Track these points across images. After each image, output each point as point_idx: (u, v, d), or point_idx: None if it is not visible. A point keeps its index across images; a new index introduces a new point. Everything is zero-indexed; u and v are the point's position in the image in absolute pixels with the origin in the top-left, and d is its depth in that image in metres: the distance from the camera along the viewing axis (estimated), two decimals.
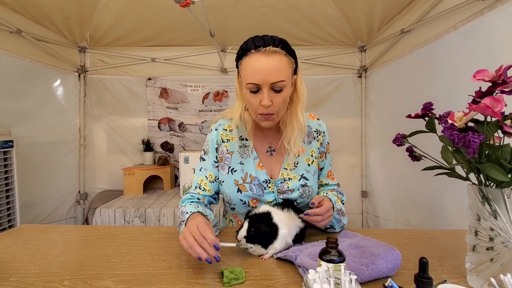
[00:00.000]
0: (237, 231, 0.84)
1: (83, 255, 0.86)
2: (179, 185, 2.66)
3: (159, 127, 3.03)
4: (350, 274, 0.52)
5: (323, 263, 0.61)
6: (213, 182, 1.06)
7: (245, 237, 0.82)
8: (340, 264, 0.60)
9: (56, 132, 2.67)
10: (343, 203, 1.10)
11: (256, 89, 0.90)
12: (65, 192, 2.79)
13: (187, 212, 0.91)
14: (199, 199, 1.04)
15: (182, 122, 3.04)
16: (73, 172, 2.88)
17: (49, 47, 2.49)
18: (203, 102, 3.02)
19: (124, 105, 2.98)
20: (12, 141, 1.99)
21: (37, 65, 2.41)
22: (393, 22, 2.37)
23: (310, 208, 0.90)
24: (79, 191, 2.93)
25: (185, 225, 0.87)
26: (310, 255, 0.75)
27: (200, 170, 1.08)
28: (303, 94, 0.98)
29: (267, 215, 0.84)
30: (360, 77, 2.90)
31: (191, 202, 1.02)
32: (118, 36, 2.73)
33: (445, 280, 0.55)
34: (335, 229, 1.04)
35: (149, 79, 2.97)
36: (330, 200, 0.98)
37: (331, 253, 0.62)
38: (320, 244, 0.81)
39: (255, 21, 2.44)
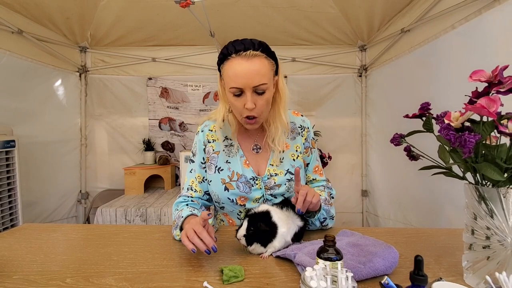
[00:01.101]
0: (237, 230, 0.85)
1: (85, 253, 0.87)
2: (179, 185, 2.67)
3: (159, 126, 3.04)
4: (346, 271, 0.53)
5: (321, 261, 0.62)
6: (201, 182, 1.09)
7: (244, 235, 0.82)
8: (337, 262, 0.61)
9: (58, 131, 2.68)
10: (332, 197, 1.13)
11: (239, 93, 0.93)
12: (67, 192, 2.81)
13: (182, 216, 0.94)
14: (193, 201, 1.07)
15: (183, 122, 3.05)
16: (74, 171, 2.90)
17: (50, 47, 2.51)
18: (203, 101, 3.03)
19: (125, 104, 3.00)
20: (14, 140, 2.01)
21: (38, 65, 2.43)
22: (393, 21, 2.37)
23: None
24: (81, 191, 2.95)
25: (180, 229, 0.91)
26: (309, 253, 0.76)
27: (191, 172, 1.11)
28: (285, 94, 1.01)
29: (267, 214, 0.85)
30: (360, 76, 2.90)
31: (187, 205, 1.04)
32: (119, 36, 2.74)
33: (441, 278, 0.55)
34: (327, 220, 1.04)
35: (150, 78, 2.98)
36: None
37: (329, 251, 0.63)
38: (319, 243, 0.82)
39: (255, 21, 2.45)
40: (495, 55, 1.37)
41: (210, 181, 1.08)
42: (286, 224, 0.86)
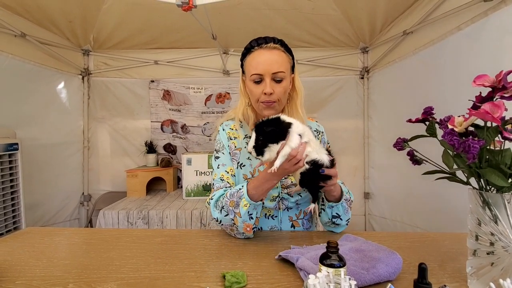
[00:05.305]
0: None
1: (87, 258, 0.87)
2: (181, 187, 2.67)
3: (162, 129, 3.05)
4: (350, 279, 0.53)
5: (323, 268, 0.61)
6: (234, 176, 1.10)
7: (253, 147, 0.78)
8: (340, 268, 0.60)
9: (60, 134, 2.69)
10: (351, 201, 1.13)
11: (259, 80, 1.01)
12: (69, 194, 2.82)
13: (239, 189, 0.95)
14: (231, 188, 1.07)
15: (185, 124, 3.05)
16: (77, 173, 2.91)
17: (53, 50, 2.52)
18: (205, 104, 3.03)
19: (127, 107, 3.00)
20: (17, 143, 2.01)
21: (41, 68, 2.44)
22: (395, 23, 2.37)
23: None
24: (83, 193, 2.96)
25: (247, 190, 0.93)
26: (311, 258, 0.75)
27: (218, 167, 1.10)
28: (301, 91, 1.09)
29: (277, 119, 0.80)
30: (362, 78, 2.90)
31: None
32: (121, 39, 2.75)
33: (445, 285, 0.55)
34: (341, 219, 1.03)
35: (152, 81, 2.99)
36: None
37: (332, 258, 0.62)
38: (322, 248, 0.81)
39: (257, 23, 2.45)
40: (503, 57, 1.36)
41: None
42: (304, 128, 0.81)
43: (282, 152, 0.80)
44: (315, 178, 0.85)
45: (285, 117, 0.84)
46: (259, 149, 0.79)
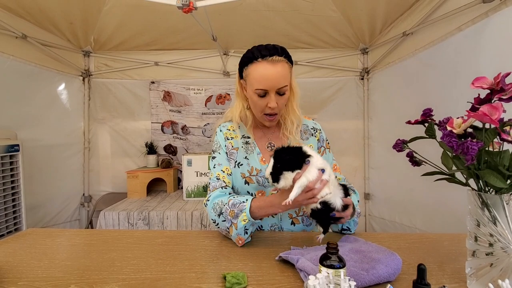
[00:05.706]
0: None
1: (89, 259, 0.88)
2: (182, 188, 2.68)
3: (162, 130, 3.06)
4: (349, 280, 0.53)
5: (323, 269, 0.61)
6: (230, 175, 1.11)
7: (271, 173, 0.78)
8: (340, 269, 0.61)
9: (61, 135, 2.70)
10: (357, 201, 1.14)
11: (263, 94, 1.02)
12: (70, 195, 2.82)
13: (243, 202, 0.95)
14: (227, 188, 1.07)
15: (185, 125, 3.06)
16: (77, 174, 2.92)
17: (54, 52, 2.53)
18: (205, 105, 3.04)
19: (127, 108, 3.01)
20: (18, 145, 2.02)
21: (42, 69, 2.45)
22: (395, 25, 2.38)
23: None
24: (84, 194, 2.96)
25: (250, 210, 0.93)
26: (311, 259, 0.76)
27: (215, 167, 1.12)
28: (297, 92, 1.11)
29: (298, 148, 0.79)
30: (362, 79, 2.90)
31: (230, 195, 1.04)
32: (122, 41, 2.76)
33: (444, 286, 0.55)
34: (351, 231, 1.07)
35: (153, 82, 3.00)
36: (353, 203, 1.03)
37: (332, 259, 0.62)
38: (322, 249, 0.81)
39: (257, 24, 2.46)
40: (503, 58, 1.36)
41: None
42: (323, 162, 0.80)
43: (298, 182, 0.79)
44: (325, 217, 0.85)
45: (306, 149, 0.84)
46: (276, 175, 0.79)
